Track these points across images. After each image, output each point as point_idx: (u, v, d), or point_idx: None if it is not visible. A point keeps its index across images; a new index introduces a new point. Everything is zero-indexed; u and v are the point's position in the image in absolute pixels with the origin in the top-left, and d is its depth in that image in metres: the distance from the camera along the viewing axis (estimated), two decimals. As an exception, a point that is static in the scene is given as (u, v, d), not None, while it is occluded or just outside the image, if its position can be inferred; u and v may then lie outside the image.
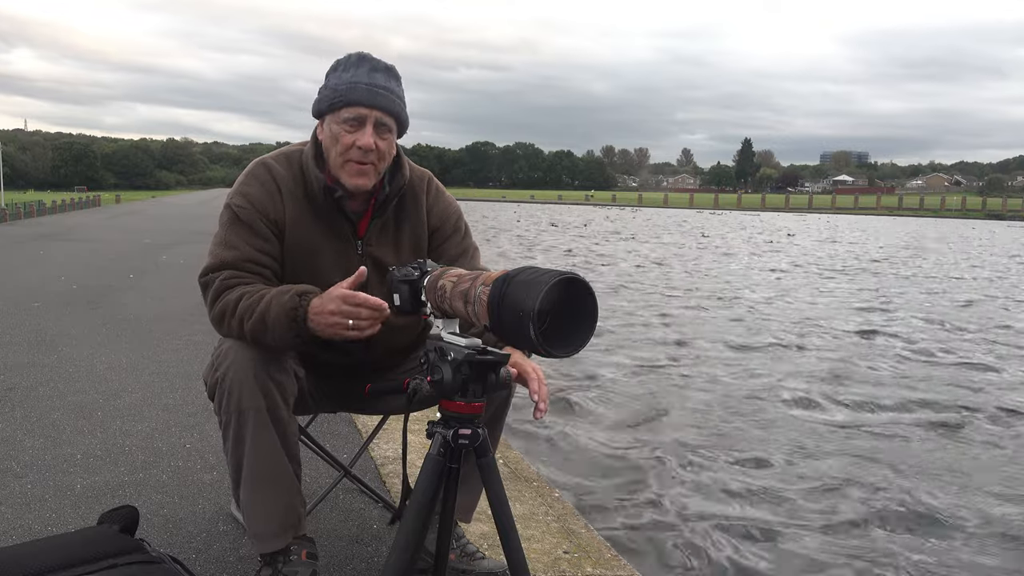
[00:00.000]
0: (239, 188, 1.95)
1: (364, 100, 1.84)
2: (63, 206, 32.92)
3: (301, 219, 1.94)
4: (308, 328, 1.72)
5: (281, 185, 1.94)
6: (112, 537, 1.71)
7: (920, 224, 67.52)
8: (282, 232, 1.93)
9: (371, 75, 1.86)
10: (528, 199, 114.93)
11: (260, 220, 1.90)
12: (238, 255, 1.88)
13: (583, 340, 1.31)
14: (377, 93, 1.85)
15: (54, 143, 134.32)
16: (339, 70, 1.88)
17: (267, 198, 1.92)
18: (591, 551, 2.44)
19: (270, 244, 1.92)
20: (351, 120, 1.85)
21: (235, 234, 1.90)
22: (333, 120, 1.88)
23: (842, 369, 7.83)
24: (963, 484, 4.69)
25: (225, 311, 1.82)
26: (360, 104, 1.84)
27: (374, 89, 1.85)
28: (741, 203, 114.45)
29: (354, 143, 1.85)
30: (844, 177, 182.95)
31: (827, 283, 16.44)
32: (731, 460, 4.97)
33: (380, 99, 1.85)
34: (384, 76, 1.88)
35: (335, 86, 1.86)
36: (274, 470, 1.87)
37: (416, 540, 1.49)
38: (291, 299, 1.74)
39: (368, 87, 1.84)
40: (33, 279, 9.08)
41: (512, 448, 3.68)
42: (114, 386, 4.23)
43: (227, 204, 1.93)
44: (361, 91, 1.84)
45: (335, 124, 1.87)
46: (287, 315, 1.73)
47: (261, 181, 1.94)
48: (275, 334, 1.75)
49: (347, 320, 1.66)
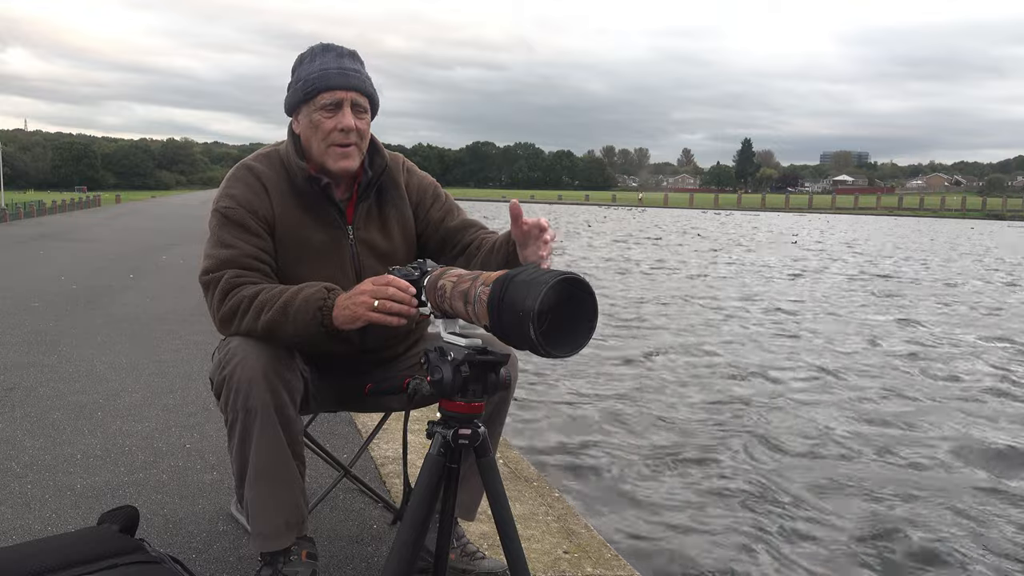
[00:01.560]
0: (225, 192, 1.97)
1: (338, 83, 1.89)
2: (63, 206, 32.92)
3: (289, 213, 1.96)
4: (332, 320, 1.73)
5: (266, 183, 1.96)
6: (112, 537, 1.71)
7: (931, 224, 65.73)
8: (272, 228, 1.95)
9: (339, 60, 1.92)
10: (528, 199, 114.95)
11: (250, 218, 1.92)
12: (236, 252, 1.89)
13: (583, 340, 1.31)
14: (348, 75, 1.90)
15: (54, 143, 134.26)
16: (305, 62, 1.93)
17: (254, 196, 1.94)
18: (591, 551, 2.44)
19: (263, 240, 1.93)
20: (329, 105, 1.89)
21: (228, 233, 1.91)
22: (310, 109, 1.92)
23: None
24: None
25: (239, 305, 1.83)
26: (335, 87, 1.89)
27: (345, 72, 1.90)
28: (741, 203, 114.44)
29: (336, 126, 1.90)
30: (844, 177, 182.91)
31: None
32: (732, 461, 4.98)
33: (353, 80, 1.91)
34: (351, 59, 1.94)
35: (306, 77, 1.91)
36: (280, 469, 1.87)
37: (416, 540, 1.49)
38: (319, 291, 1.77)
39: (339, 71, 1.90)
40: (33, 279, 9.08)
41: (512, 448, 3.68)
42: (114, 386, 4.23)
43: (214, 209, 1.95)
44: (334, 75, 1.89)
45: (314, 112, 1.91)
46: (314, 305, 1.75)
47: (245, 182, 1.97)
48: (296, 325, 1.77)
49: (373, 300, 1.67)
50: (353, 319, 1.71)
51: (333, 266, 1.97)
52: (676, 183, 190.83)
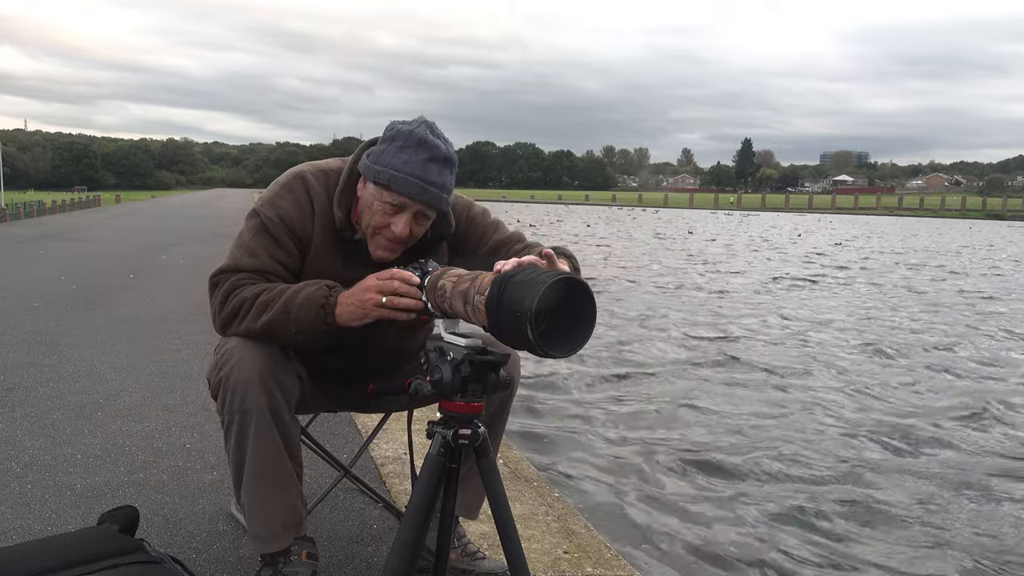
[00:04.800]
0: (272, 199, 1.91)
1: (411, 194, 1.76)
2: (63, 206, 32.91)
3: (327, 240, 1.92)
4: (335, 317, 1.72)
5: (315, 203, 1.91)
6: (112, 537, 1.71)
7: (929, 223, 65.69)
8: (307, 249, 1.91)
9: (426, 167, 1.76)
10: (528, 199, 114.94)
11: (287, 235, 1.88)
12: (257, 264, 1.87)
13: (581, 340, 1.31)
14: (426, 190, 1.76)
15: (54, 143, 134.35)
16: (395, 141, 1.78)
17: (298, 214, 1.89)
18: (591, 551, 2.44)
19: (291, 259, 1.90)
20: (392, 204, 1.78)
21: (259, 244, 1.88)
22: (375, 190, 1.80)
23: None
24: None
25: (241, 305, 1.81)
26: (406, 196, 1.76)
27: (424, 186, 1.76)
28: (741, 203, 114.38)
29: (388, 226, 1.81)
30: (844, 177, 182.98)
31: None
32: (738, 462, 4.98)
33: (428, 196, 1.77)
34: (438, 168, 1.78)
35: (388, 164, 1.76)
36: (276, 471, 1.87)
37: (416, 539, 1.49)
38: (320, 288, 1.75)
39: (419, 181, 1.75)
40: (33, 279, 9.07)
41: (512, 448, 3.68)
42: (114, 386, 4.23)
43: (256, 210, 1.91)
44: (411, 185, 1.75)
45: (376, 199, 1.80)
46: (316, 302, 1.73)
47: (296, 195, 1.91)
48: (299, 324, 1.75)
49: (380, 296, 1.65)
50: (360, 316, 1.70)
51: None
52: (676, 183, 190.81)
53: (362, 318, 1.71)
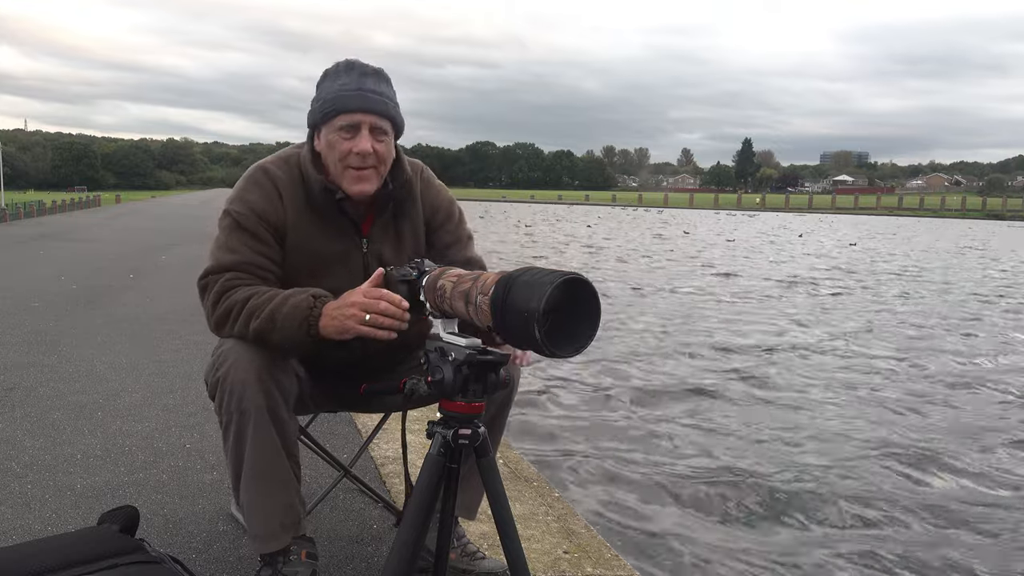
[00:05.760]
0: (239, 194, 1.94)
1: (356, 106, 1.84)
2: (63, 206, 32.91)
3: (303, 222, 1.94)
4: (319, 329, 1.72)
5: (281, 189, 1.94)
6: (112, 537, 1.71)
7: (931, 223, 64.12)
8: (283, 236, 1.93)
9: (360, 80, 1.85)
10: (528, 199, 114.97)
11: (261, 225, 1.90)
12: (239, 259, 1.88)
13: (586, 340, 1.31)
14: (367, 98, 1.85)
15: (54, 143, 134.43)
16: (328, 79, 1.88)
17: (267, 203, 1.92)
18: (591, 551, 2.44)
19: (271, 249, 1.92)
20: (346, 127, 1.85)
21: (237, 240, 1.89)
22: (328, 130, 1.87)
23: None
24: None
25: (231, 310, 1.81)
26: (353, 110, 1.84)
27: (364, 94, 1.84)
28: (741, 203, 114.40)
29: (351, 150, 1.85)
30: (844, 177, 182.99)
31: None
32: (739, 464, 4.98)
33: (372, 103, 1.85)
34: (374, 80, 1.87)
35: (325, 96, 1.86)
36: (274, 470, 1.87)
37: (416, 539, 1.49)
38: (305, 299, 1.75)
39: (358, 93, 1.84)
40: (33, 279, 9.07)
41: (512, 448, 3.67)
42: (114, 386, 4.23)
43: (227, 210, 1.93)
44: (352, 97, 1.84)
45: (331, 133, 1.87)
46: (300, 314, 1.73)
47: (261, 186, 1.94)
48: (284, 333, 1.75)
49: (364, 314, 1.65)
50: (342, 331, 1.70)
51: (343, 277, 1.92)
52: (676, 183, 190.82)
53: (343, 333, 1.70)
